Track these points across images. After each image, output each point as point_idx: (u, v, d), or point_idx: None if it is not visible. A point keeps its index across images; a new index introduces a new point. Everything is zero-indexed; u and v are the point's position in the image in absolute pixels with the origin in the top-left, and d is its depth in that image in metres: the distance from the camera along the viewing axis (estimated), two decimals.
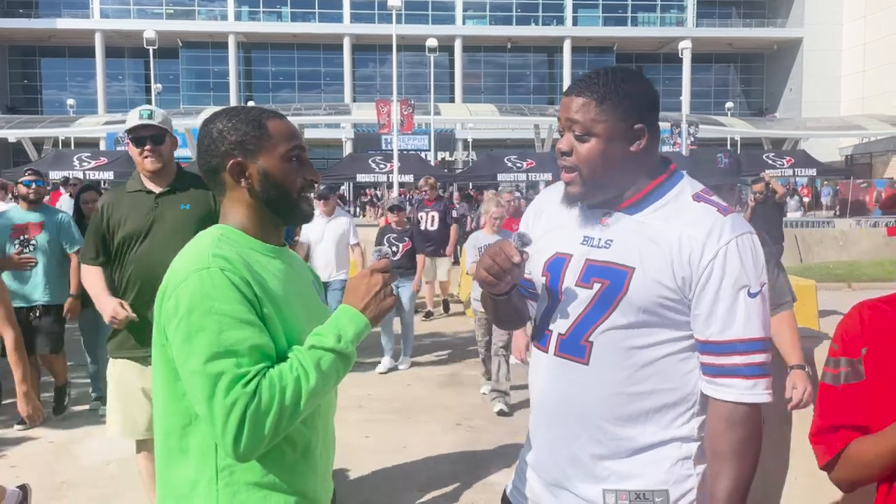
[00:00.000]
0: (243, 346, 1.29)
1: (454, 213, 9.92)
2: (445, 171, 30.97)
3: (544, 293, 1.64)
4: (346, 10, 48.46)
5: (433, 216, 9.35)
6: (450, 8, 49.57)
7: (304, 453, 1.43)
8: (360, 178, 24.24)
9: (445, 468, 4.26)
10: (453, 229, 9.54)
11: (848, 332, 1.40)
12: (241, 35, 48.32)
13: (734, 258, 1.43)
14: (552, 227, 1.64)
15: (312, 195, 1.56)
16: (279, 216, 1.51)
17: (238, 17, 48.82)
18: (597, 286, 1.51)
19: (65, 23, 46.42)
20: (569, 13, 49.88)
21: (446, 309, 9.66)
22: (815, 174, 26.75)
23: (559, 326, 1.56)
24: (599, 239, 1.53)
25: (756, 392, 1.45)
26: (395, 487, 3.99)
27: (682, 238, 1.45)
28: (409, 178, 22.30)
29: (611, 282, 1.49)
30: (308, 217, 1.54)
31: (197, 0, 48.92)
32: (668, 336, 1.49)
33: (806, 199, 27.35)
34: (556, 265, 1.59)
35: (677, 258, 1.45)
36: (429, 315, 9.30)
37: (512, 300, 1.66)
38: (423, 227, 9.18)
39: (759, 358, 1.45)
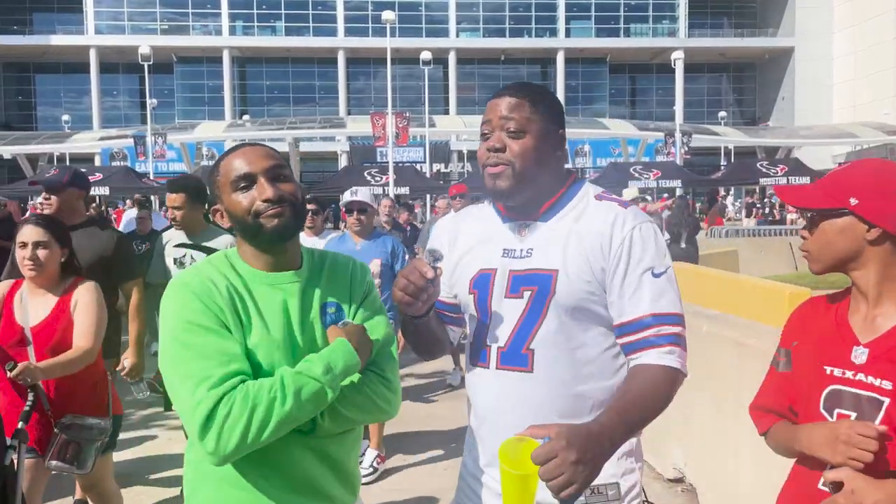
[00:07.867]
0: (209, 349, 1.40)
1: None
2: (441, 182, 31.04)
3: (474, 311, 1.67)
4: (340, 24, 48.75)
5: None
6: (443, 21, 49.88)
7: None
8: None
9: (439, 484, 4.25)
10: None
11: (788, 324, 1.58)
12: (235, 49, 48.53)
13: (637, 243, 1.54)
14: (472, 246, 1.69)
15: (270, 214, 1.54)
16: (253, 244, 1.56)
17: (232, 31, 49.05)
18: (527, 294, 1.57)
19: (59, 39, 46.60)
20: (561, 25, 50.23)
21: None
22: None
23: (497, 340, 1.61)
24: (521, 250, 1.61)
25: (671, 358, 1.51)
26: None
27: (592, 234, 1.56)
28: (405, 191, 22.36)
29: (539, 287, 1.56)
30: (274, 235, 1.52)
31: (191, 15, 49.14)
32: (600, 331, 1.58)
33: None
34: (483, 281, 1.63)
35: (591, 252, 1.55)
36: None
37: (431, 324, 1.67)
38: None
39: (671, 329, 1.52)
